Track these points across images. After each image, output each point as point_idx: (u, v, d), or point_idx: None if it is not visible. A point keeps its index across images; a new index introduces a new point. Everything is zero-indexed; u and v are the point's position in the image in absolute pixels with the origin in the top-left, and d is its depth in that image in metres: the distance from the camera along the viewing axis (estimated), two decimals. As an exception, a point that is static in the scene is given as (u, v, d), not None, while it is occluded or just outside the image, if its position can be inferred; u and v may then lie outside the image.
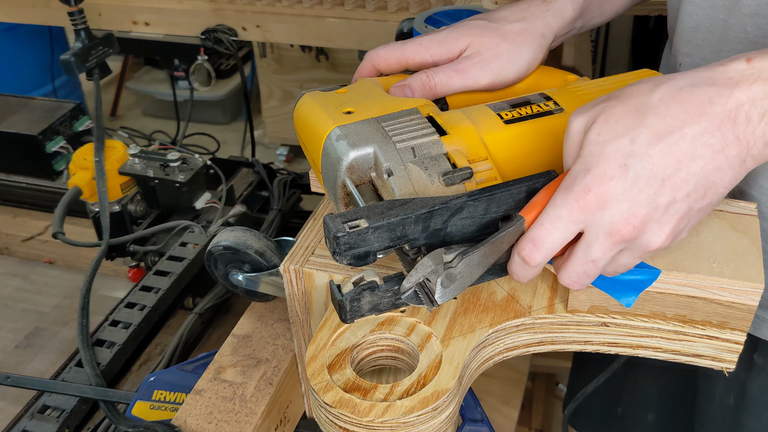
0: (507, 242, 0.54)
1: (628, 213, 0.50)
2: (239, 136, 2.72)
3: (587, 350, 0.63)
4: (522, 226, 0.53)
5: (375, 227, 0.51)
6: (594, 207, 0.50)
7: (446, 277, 0.53)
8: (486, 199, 0.54)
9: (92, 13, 1.82)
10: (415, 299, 0.54)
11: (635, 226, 0.50)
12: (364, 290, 0.55)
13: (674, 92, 0.51)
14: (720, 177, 0.51)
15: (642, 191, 0.50)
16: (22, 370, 1.87)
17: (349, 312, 0.55)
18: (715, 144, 0.50)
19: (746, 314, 0.57)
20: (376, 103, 0.65)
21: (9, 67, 2.63)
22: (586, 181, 0.50)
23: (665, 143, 0.50)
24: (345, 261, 0.52)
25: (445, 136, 0.61)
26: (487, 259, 0.54)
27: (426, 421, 0.52)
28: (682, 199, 0.51)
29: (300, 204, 1.64)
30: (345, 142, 0.60)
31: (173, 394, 0.79)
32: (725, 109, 0.50)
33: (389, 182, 0.58)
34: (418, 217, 0.52)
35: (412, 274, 0.53)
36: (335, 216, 0.52)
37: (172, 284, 1.18)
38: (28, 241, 2.05)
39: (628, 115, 0.51)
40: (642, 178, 0.50)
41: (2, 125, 1.73)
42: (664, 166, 0.50)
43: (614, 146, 0.50)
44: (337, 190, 0.60)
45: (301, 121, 0.68)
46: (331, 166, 0.61)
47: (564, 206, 0.51)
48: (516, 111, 0.66)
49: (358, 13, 1.66)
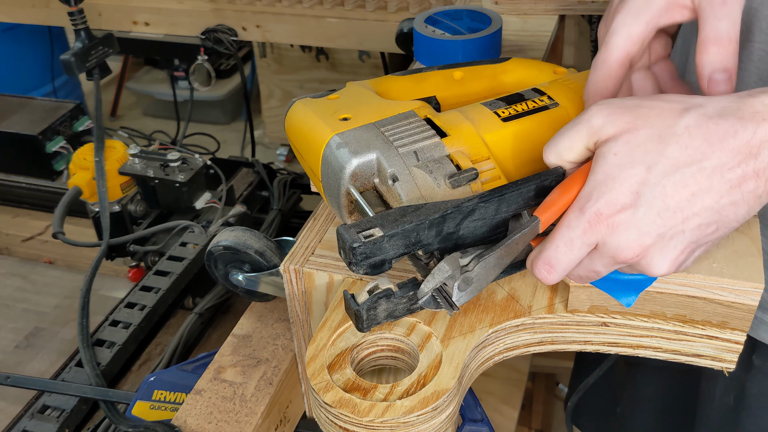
0: (522, 243, 0.54)
1: (634, 242, 0.50)
2: (239, 136, 2.72)
3: (587, 350, 0.63)
4: (537, 227, 0.53)
5: (390, 235, 0.51)
6: (604, 232, 0.51)
7: (463, 280, 0.53)
8: (497, 200, 0.54)
9: (92, 13, 1.82)
10: (433, 304, 0.54)
11: (638, 253, 0.51)
12: (380, 298, 0.54)
13: (701, 121, 0.49)
14: (734, 211, 0.50)
15: (652, 222, 0.50)
16: (22, 370, 1.88)
17: (366, 321, 0.55)
18: (732, 179, 0.49)
19: (746, 314, 0.57)
20: (371, 107, 0.64)
21: (9, 67, 2.63)
22: (598, 205, 0.50)
23: (682, 175, 0.49)
24: (361, 271, 0.52)
25: (446, 138, 0.61)
26: (502, 261, 0.54)
27: (426, 421, 0.52)
28: (691, 231, 0.50)
29: (300, 204, 1.64)
30: (346, 150, 0.59)
31: (173, 394, 0.79)
32: (748, 145, 0.48)
33: (395, 188, 0.58)
34: (431, 222, 0.52)
35: (429, 279, 0.53)
36: (349, 227, 0.52)
37: (172, 284, 1.19)
38: (28, 241, 2.05)
39: (650, 141, 0.50)
40: (653, 209, 0.49)
41: (2, 125, 1.73)
42: (678, 198, 0.49)
43: (630, 172, 0.50)
44: (341, 199, 0.60)
45: (295, 129, 0.68)
46: (333, 174, 0.60)
47: (577, 227, 0.51)
48: (512, 108, 0.66)
49: (358, 13, 1.66)
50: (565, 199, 0.53)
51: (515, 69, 0.76)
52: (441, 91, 0.72)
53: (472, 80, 0.75)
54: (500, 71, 0.76)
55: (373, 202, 0.59)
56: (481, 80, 0.75)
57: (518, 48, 1.02)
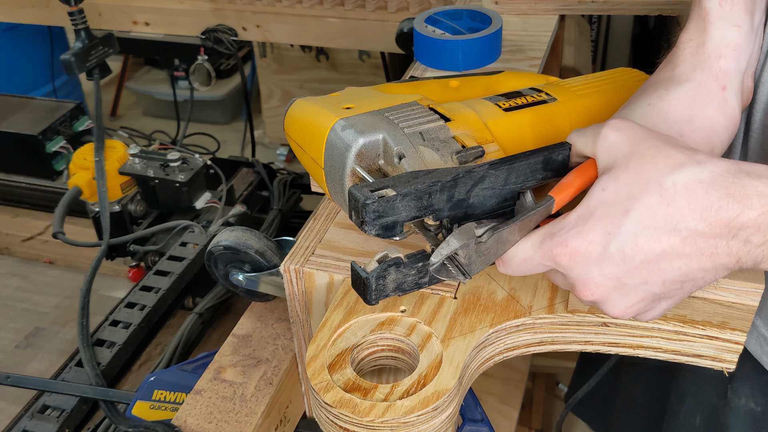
0: (535, 221, 0.55)
1: (591, 281, 0.51)
2: (239, 136, 2.72)
3: (587, 350, 0.63)
4: (551, 207, 0.54)
5: (403, 194, 0.51)
6: (565, 262, 0.51)
7: (476, 251, 0.53)
8: (506, 169, 0.55)
9: (92, 13, 1.82)
10: (444, 272, 0.54)
11: (594, 293, 0.51)
12: (390, 266, 0.54)
13: (691, 184, 0.48)
14: (701, 276, 0.50)
15: (615, 266, 0.50)
16: (22, 370, 1.88)
17: (374, 291, 0.54)
18: (705, 249, 0.48)
19: (746, 314, 0.57)
20: (374, 100, 0.65)
21: (9, 67, 2.63)
22: (569, 235, 0.50)
23: (656, 231, 0.48)
24: (373, 231, 0.51)
25: (450, 122, 0.61)
26: (514, 236, 0.54)
27: (426, 421, 0.52)
28: (655, 284, 0.50)
29: (300, 204, 1.64)
30: (352, 130, 0.59)
31: (173, 394, 0.79)
32: (729, 225, 0.47)
33: (402, 165, 0.58)
34: (443, 184, 0.52)
35: (443, 246, 0.53)
36: (361, 186, 0.51)
37: (172, 284, 1.19)
38: (28, 241, 2.05)
39: (636, 183, 0.49)
40: (619, 255, 0.49)
41: (2, 125, 1.73)
42: (648, 252, 0.49)
43: (608, 211, 0.49)
44: (345, 181, 0.60)
45: (296, 123, 0.68)
46: (338, 156, 0.60)
47: (539, 250, 0.52)
48: (512, 101, 0.67)
49: (358, 13, 1.66)
50: (580, 182, 0.54)
51: (509, 79, 0.78)
52: (438, 97, 0.73)
53: (468, 87, 0.76)
54: (494, 82, 0.78)
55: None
56: (476, 87, 0.77)
57: (518, 48, 1.02)
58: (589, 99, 0.70)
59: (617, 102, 0.69)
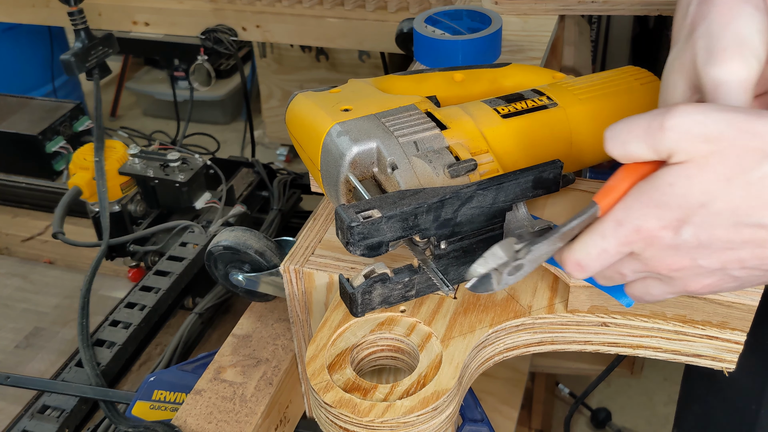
0: (578, 229, 0.51)
1: (670, 260, 0.48)
2: (239, 136, 2.72)
3: (587, 350, 0.63)
4: (595, 213, 0.50)
5: (388, 216, 0.51)
6: (640, 246, 0.48)
7: (515, 267, 0.51)
8: (495, 189, 0.54)
9: (92, 13, 1.82)
10: (479, 287, 0.52)
11: (673, 269, 0.48)
12: (376, 282, 0.55)
13: None
14: None
15: (687, 253, 0.47)
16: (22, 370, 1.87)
17: (360, 305, 0.55)
18: None
19: (746, 314, 0.57)
20: (373, 101, 0.65)
21: (9, 67, 2.63)
22: (640, 221, 0.47)
23: (736, 224, 0.45)
24: (359, 252, 0.52)
25: (446, 131, 0.61)
26: (554, 246, 0.52)
27: (426, 421, 0.52)
28: (733, 269, 0.47)
29: (300, 204, 1.64)
30: (347, 138, 0.60)
31: (173, 394, 0.79)
32: None
33: (394, 176, 0.58)
34: (429, 206, 0.53)
35: (480, 263, 0.50)
36: (347, 207, 0.52)
37: (172, 284, 1.18)
38: (28, 241, 2.05)
39: (714, 182, 0.45)
40: (693, 242, 0.46)
41: (2, 125, 1.72)
42: (725, 240, 0.46)
43: (684, 202, 0.46)
44: (339, 187, 0.61)
45: (296, 120, 0.68)
46: (332, 162, 0.61)
47: (612, 238, 0.48)
48: (512, 106, 0.67)
49: (358, 13, 1.65)
50: (628, 185, 0.49)
51: (515, 74, 0.77)
52: (441, 91, 0.73)
53: (473, 82, 0.76)
54: (500, 75, 0.77)
55: (372, 191, 0.60)
56: (481, 82, 0.76)
57: (518, 48, 1.02)
58: (592, 103, 0.69)
59: (622, 105, 0.69)
